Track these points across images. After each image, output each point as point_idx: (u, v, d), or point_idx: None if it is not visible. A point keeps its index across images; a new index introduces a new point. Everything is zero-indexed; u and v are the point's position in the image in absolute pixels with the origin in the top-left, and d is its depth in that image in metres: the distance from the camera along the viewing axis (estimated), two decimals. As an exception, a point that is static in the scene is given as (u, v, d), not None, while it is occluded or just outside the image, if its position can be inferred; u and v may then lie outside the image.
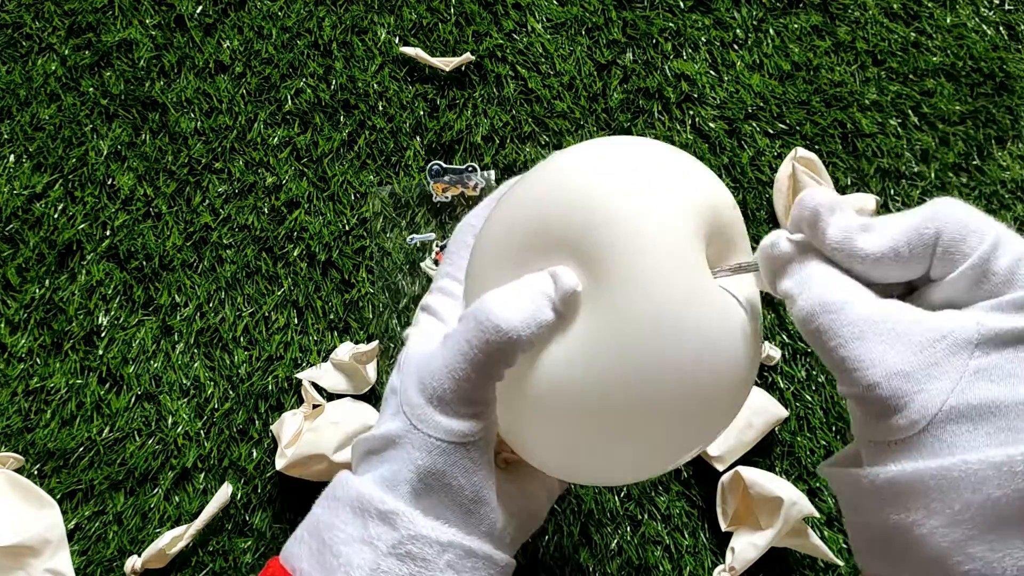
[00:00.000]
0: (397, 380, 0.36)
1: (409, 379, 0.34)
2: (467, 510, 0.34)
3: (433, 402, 0.33)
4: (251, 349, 0.58)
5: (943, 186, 0.62)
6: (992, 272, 0.30)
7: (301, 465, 0.52)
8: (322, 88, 0.63)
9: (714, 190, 0.36)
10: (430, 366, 0.33)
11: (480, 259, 0.36)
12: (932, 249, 0.31)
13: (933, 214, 0.31)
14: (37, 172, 0.61)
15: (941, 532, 0.28)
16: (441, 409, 0.33)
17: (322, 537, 0.33)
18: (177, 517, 0.55)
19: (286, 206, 0.61)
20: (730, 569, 0.52)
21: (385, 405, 0.36)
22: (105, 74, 0.63)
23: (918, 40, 0.65)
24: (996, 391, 0.28)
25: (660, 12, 0.65)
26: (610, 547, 0.55)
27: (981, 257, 0.30)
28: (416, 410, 0.33)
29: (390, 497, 0.33)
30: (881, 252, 0.31)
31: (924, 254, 0.31)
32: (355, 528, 0.33)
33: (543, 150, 0.62)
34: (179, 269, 0.59)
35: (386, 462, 0.34)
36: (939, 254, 0.31)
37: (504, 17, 0.64)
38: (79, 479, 0.55)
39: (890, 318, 0.30)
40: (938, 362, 0.29)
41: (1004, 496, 0.27)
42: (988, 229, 0.30)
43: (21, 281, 0.59)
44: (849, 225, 0.31)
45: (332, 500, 0.35)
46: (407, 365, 0.35)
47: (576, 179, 0.34)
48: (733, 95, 0.63)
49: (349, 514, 0.33)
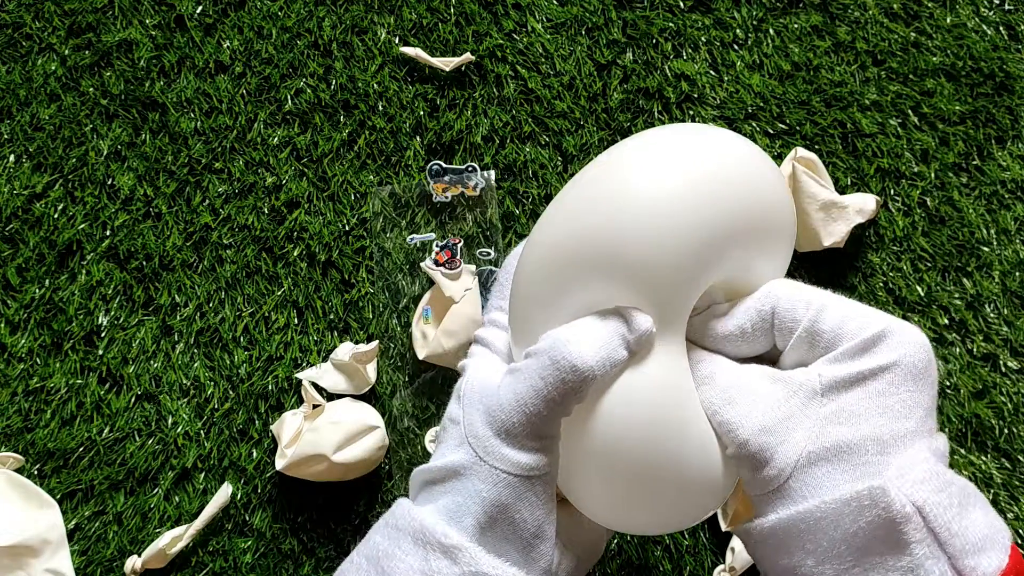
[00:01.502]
0: (458, 411, 0.35)
1: (474, 411, 0.34)
2: (528, 545, 0.34)
3: (501, 435, 0.33)
4: (251, 349, 0.58)
5: (943, 186, 0.62)
6: (821, 333, 0.34)
7: (301, 465, 0.52)
8: (322, 88, 0.63)
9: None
10: (498, 400, 0.34)
11: (526, 288, 0.35)
12: (771, 323, 0.35)
13: (768, 293, 0.35)
14: (37, 172, 0.61)
15: (818, 571, 0.32)
16: (509, 442, 0.33)
17: (381, 566, 0.33)
18: (177, 517, 0.55)
19: (286, 206, 0.61)
20: (730, 569, 0.52)
21: (444, 436, 0.35)
22: (105, 74, 0.63)
23: (918, 40, 0.65)
24: (844, 432, 0.32)
25: (660, 12, 0.65)
26: (610, 547, 0.55)
27: (810, 321, 0.34)
28: (483, 442, 0.33)
29: (453, 531, 0.33)
30: (729, 332, 0.36)
31: (765, 329, 0.35)
32: (416, 560, 0.32)
33: (543, 150, 0.62)
34: (179, 269, 0.59)
35: (449, 493, 0.34)
36: (777, 326, 0.35)
37: (504, 17, 0.64)
38: (79, 479, 0.55)
39: (751, 381, 0.34)
40: (793, 414, 0.33)
41: (859, 528, 0.31)
42: (814, 298, 0.35)
43: (21, 281, 0.59)
44: (710, 313, 0.36)
45: (393, 529, 0.34)
46: (469, 396, 0.35)
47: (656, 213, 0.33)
48: (733, 95, 0.63)
49: (410, 544, 0.33)
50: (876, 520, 0.30)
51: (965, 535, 0.30)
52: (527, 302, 0.35)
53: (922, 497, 0.30)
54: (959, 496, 0.31)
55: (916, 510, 0.30)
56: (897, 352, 0.33)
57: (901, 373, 0.32)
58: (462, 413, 0.35)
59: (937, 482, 0.31)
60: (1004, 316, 0.60)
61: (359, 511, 0.55)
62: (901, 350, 0.33)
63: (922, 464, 0.31)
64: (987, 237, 0.61)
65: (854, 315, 0.34)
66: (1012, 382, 0.59)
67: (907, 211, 0.62)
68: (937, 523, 0.30)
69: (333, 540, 0.55)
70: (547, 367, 0.32)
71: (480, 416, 0.34)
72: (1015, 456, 0.58)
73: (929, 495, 0.30)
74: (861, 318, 0.34)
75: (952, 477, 0.32)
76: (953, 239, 0.61)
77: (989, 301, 0.60)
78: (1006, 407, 0.58)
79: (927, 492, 0.30)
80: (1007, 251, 0.61)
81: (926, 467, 0.31)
